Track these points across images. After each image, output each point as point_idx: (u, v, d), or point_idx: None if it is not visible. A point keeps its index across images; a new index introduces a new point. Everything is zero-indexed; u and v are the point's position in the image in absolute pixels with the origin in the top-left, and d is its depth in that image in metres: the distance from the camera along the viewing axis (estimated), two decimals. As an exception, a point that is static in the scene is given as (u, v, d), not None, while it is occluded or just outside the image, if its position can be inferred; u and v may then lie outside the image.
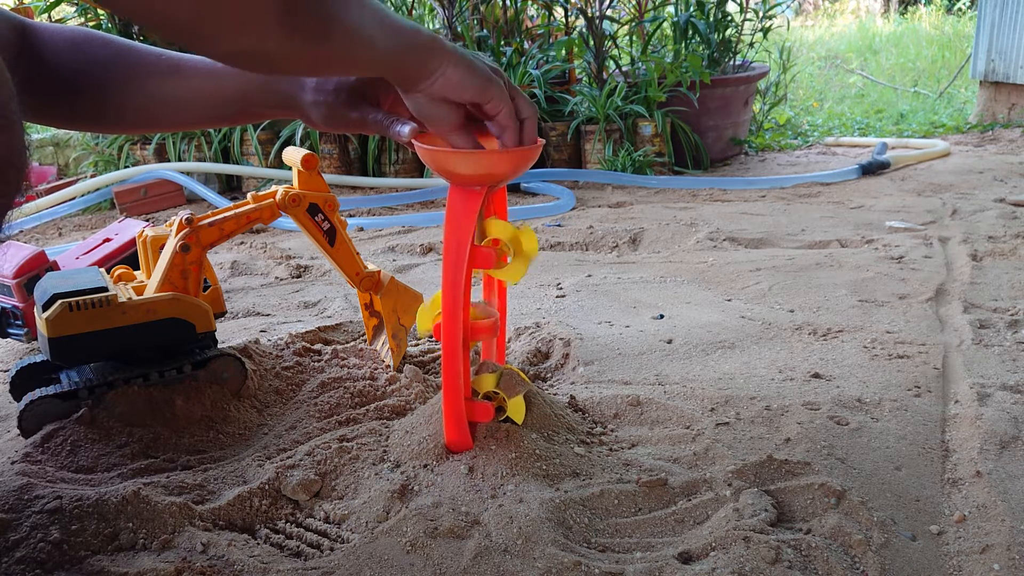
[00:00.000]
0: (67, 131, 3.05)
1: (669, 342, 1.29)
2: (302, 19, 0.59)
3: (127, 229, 1.57)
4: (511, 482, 0.83)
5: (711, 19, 3.01)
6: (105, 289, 0.96)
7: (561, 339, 1.28)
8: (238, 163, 2.81)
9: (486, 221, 0.86)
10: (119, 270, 1.10)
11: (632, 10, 3.21)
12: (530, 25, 3.26)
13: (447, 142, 0.78)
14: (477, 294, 0.93)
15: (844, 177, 2.63)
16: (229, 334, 1.39)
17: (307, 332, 1.29)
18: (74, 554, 0.75)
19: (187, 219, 1.01)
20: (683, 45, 3.00)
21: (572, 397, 1.07)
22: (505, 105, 0.75)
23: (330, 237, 1.09)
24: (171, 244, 1.01)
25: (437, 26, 3.08)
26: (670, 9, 3.14)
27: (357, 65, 0.69)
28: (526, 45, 3.09)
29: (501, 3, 3.00)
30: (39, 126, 3.13)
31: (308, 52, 0.62)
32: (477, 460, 0.86)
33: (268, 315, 1.55)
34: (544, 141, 0.82)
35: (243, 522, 0.83)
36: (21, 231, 2.43)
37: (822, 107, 4.34)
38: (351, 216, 2.40)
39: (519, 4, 3.04)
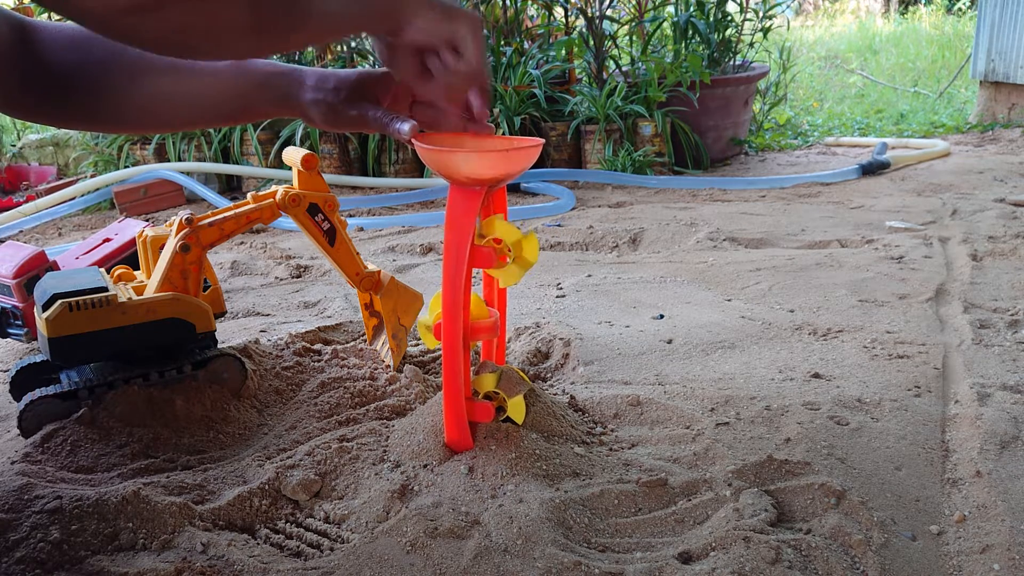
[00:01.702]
0: (67, 131, 3.05)
1: (669, 342, 1.28)
2: (270, 20, 0.62)
3: (127, 229, 1.57)
4: (511, 482, 0.83)
5: (711, 19, 3.00)
6: (105, 289, 0.96)
7: (561, 339, 1.28)
8: (238, 163, 2.81)
9: (490, 220, 0.86)
10: (119, 270, 1.10)
11: (632, 10, 3.20)
12: (530, 25, 3.26)
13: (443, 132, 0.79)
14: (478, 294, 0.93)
15: (844, 177, 2.63)
16: (229, 334, 1.39)
17: (307, 332, 1.29)
18: (74, 554, 0.75)
19: (187, 219, 1.01)
20: (683, 45, 3.00)
21: (572, 397, 1.07)
22: (473, 49, 0.74)
23: (330, 237, 1.09)
24: (171, 244, 1.01)
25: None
26: (670, 9, 3.14)
27: (330, 39, 0.72)
28: (526, 45, 3.09)
29: (501, 3, 3.00)
30: (39, 125, 3.13)
31: (282, 43, 0.66)
32: (477, 460, 0.86)
33: (268, 315, 1.55)
34: (544, 141, 0.82)
35: (243, 522, 0.83)
36: (21, 231, 2.43)
37: (822, 107, 4.34)
38: (351, 216, 2.40)
39: (519, 4, 3.04)
